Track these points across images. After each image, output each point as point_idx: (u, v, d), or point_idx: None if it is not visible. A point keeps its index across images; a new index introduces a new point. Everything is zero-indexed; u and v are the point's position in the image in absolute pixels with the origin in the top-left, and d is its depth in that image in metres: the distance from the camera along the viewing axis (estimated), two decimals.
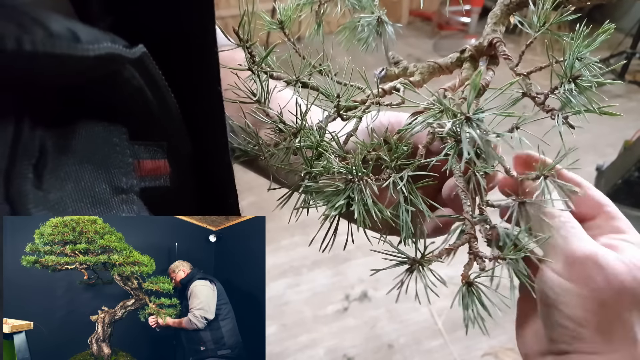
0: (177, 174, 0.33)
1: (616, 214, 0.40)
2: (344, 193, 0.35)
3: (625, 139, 1.96)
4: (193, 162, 0.37)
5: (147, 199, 0.31)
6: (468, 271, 0.36)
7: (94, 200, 0.27)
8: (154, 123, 0.32)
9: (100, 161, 0.27)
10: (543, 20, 0.38)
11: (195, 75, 0.33)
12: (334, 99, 0.42)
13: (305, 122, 0.40)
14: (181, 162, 0.35)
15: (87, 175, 0.27)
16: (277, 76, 0.42)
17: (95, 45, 0.24)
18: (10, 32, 0.20)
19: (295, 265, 2.04)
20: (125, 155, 0.29)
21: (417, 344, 1.77)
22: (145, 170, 0.30)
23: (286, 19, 0.43)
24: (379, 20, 0.48)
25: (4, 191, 0.23)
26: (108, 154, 0.28)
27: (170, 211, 0.35)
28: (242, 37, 0.40)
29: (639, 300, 0.35)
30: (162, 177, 0.32)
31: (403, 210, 0.36)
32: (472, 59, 0.44)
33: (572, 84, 0.35)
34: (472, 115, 0.34)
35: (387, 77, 0.47)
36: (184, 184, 0.36)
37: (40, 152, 0.24)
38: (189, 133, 0.35)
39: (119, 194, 0.28)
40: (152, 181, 0.31)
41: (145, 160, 0.30)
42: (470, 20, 3.87)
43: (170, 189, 0.33)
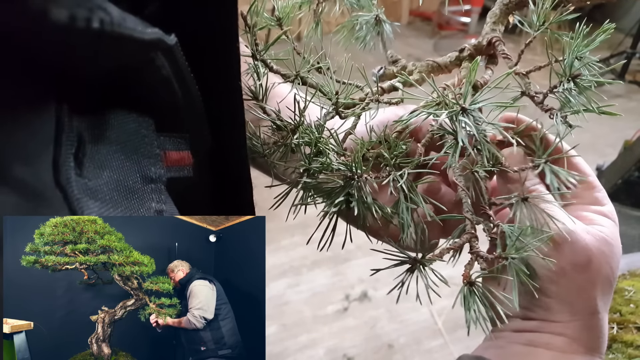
0: (197, 168, 0.34)
1: (596, 184, 0.41)
2: (344, 190, 0.35)
3: (625, 139, 1.96)
4: (212, 157, 0.37)
5: (170, 192, 0.31)
6: (469, 271, 0.36)
7: (127, 189, 0.27)
8: (178, 115, 0.32)
9: (131, 151, 0.28)
10: (543, 19, 0.38)
11: (216, 70, 0.34)
12: (332, 96, 0.42)
13: (304, 118, 0.40)
14: (201, 156, 0.35)
15: (120, 165, 0.27)
16: (276, 70, 0.42)
17: (149, 30, 0.25)
18: (81, 11, 0.21)
19: (295, 265, 2.04)
20: (153, 146, 0.29)
21: (417, 344, 1.77)
22: (171, 160, 0.31)
23: (284, 16, 0.43)
24: (377, 19, 0.48)
25: (54, 178, 0.23)
26: (138, 145, 0.28)
27: (189, 204, 0.35)
28: (248, 23, 0.39)
29: (604, 274, 0.37)
30: (186, 168, 0.32)
31: (403, 208, 0.36)
32: (471, 58, 0.44)
33: (572, 83, 0.35)
34: (468, 107, 0.34)
35: (385, 75, 0.47)
36: (203, 178, 0.36)
37: (79, 141, 0.25)
38: (210, 127, 0.35)
39: (148, 183, 0.29)
40: (177, 172, 0.32)
41: (171, 151, 0.31)
42: (470, 20, 3.87)
43: (192, 182, 0.33)
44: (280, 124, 0.40)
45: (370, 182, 0.36)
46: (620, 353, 0.80)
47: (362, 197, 0.35)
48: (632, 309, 0.87)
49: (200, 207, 0.38)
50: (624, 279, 0.96)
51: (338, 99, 0.41)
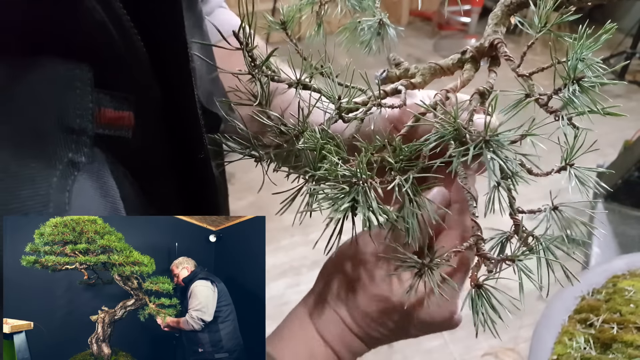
0: (146, 129, 0.33)
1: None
2: (349, 196, 0.35)
3: (625, 139, 1.96)
4: (164, 117, 0.36)
5: (113, 150, 0.31)
6: (476, 273, 0.36)
7: (35, 134, 0.27)
8: (121, 68, 0.31)
9: (54, 99, 0.28)
10: (544, 20, 0.38)
11: (159, 20, 0.33)
12: (335, 101, 0.41)
13: (308, 125, 0.39)
14: (151, 116, 0.34)
15: (33, 108, 0.27)
16: (278, 79, 0.42)
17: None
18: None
19: (295, 265, 2.04)
20: (84, 99, 0.29)
21: (418, 344, 1.77)
22: (106, 118, 0.30)
23: (289, 19, 0.43)
24: (381, 23, 0.48)
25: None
26: (65, 94, 0.28)
27: (139, 165, 0.35)
28: (241, 41, 0.39)
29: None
30: (124, 128, 0.32)
31: (409, 212, 0.36)
32: (473, 60, 0.44)
33: (576, 85, 0.35)
34: (491, 138, 0.34)
35: (388, 78, 0.47)
36: (154, 138, 0.36)
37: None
38: (157, 85, 0.35)
39: (69, 133, 0.28)
40: (113, 130, 0.31)
41: (108, 109, 0.31)
42: (470, 20, 3.87)
43: (140, 143, 0.33)
44: (284, 129, 0.40)
45: (375, 187, 0.36)
46: (620, 353, 0.80)
47: (367, 202, 0.34)
48: (632, 309, 0.87)
49: (155, 171, 0.38)
50: (624, 279, 0.96)
51: (341, 104, 0.41)
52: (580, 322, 0.88)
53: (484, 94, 0.41)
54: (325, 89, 0.42)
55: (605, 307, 0.89)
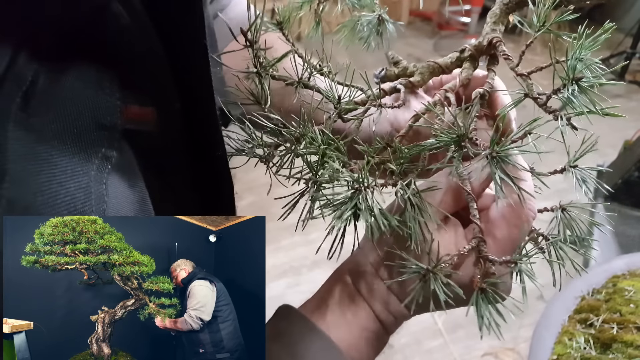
0: (166, 125, 0.36)
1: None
2: (352, 202, 0.34)
3: (625, 139, 1.96)
4: (181, 115, 0.38)
5: (137, 145, 0.33)
6: (479, 276, 0.36)
7: (75, 131, 0.29)
8: (142, 69, 0.34)
9: (88, 99, 0.30)
10: (543, 20, 0.38)
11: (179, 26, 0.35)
12: (335, 101, 0.41)
13: (309, 128, 0.39)
14: (169, 113, 0.37)
15: (72, 109, 0.29)
16: (279, 77, 0.42)
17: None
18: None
19: (295, 265, 2.04)
20: (113, 97, 0.31)
21: (418, 344, 1.77)
22: (132, 113, 0.33)
23: (285, 20, 0.43)
24: (380, 19, 0.48)
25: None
26: (96, 94, 0.31)
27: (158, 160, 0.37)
28: (250, 39, 0.40)
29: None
30: (148, 123, 0.35)
31: (410, 217, 0.35)
32: (471, 58, 0.44)
33: (575, 85, 0.35)
34: (499, 153, 0.34)
35: (386, 77, 0.47)
36: (172, 135, 0.38)
37: (32, 82, 0.27)
38: (176, 85, 0.37)
39: (102, 130, 0.31)
40: (138, 125, 0.34)
41: (133, 105, 0.33)
42: (470, 20, 3.86)
43: (159, 138, 0.35)
44: (285, 132, 0.40)
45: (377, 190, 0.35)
46: (620, 353, 0.80)
47: (369, 208, 0.34)
48: (632, 309, 0.87)
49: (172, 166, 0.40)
50: (624, 279, 0.96)
51: (341, 105, 0.41)
52: (580, 322, 0.88)
53: (484, 96, 0.41)
54: (325, 88, 0.42)
55: (605, 307, 0.89)
